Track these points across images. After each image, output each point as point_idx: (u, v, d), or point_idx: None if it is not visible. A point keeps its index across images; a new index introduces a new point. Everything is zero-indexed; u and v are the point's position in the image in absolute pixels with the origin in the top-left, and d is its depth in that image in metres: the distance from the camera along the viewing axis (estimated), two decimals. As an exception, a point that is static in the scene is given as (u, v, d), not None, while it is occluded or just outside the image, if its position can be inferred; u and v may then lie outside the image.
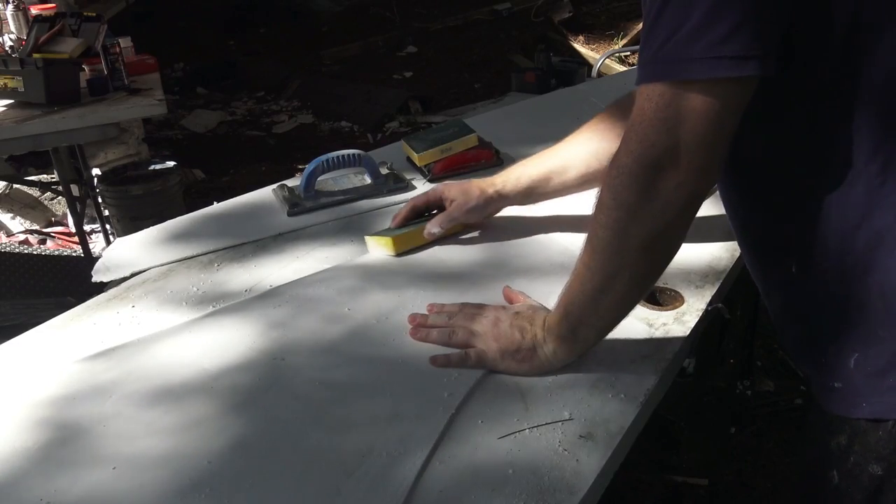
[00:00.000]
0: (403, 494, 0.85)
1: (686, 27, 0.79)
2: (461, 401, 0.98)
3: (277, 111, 5.66)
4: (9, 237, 3.81)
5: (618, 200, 0.89)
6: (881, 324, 0.87)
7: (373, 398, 1.00)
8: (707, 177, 0.86)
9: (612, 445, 0.91)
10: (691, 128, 0.82)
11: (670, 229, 0.90)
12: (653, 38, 0.82)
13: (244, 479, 0.89)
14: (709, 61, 0.79)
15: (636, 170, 0.86)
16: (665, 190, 0.85)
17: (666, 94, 0.82)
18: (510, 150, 1.70)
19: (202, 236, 1.47)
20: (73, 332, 1.20)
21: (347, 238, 1.42)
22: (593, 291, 0.96)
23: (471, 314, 1.09)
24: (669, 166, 0.84)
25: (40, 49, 2.83)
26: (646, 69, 0.84)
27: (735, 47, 0.78)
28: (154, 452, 0.93)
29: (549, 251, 1.31)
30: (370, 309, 1.18)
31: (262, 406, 1.00)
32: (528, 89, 4.98)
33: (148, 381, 1.06)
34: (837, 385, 0.92)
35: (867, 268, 0.86)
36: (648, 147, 0.85)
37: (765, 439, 2.22)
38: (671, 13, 0.80)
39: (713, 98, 0.81)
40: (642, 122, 0.85)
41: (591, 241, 0.94)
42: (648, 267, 0.94)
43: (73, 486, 0.89)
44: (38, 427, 0.99)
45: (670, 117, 0.82)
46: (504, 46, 6.33)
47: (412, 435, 0.93)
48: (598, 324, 0.99)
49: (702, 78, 0.80)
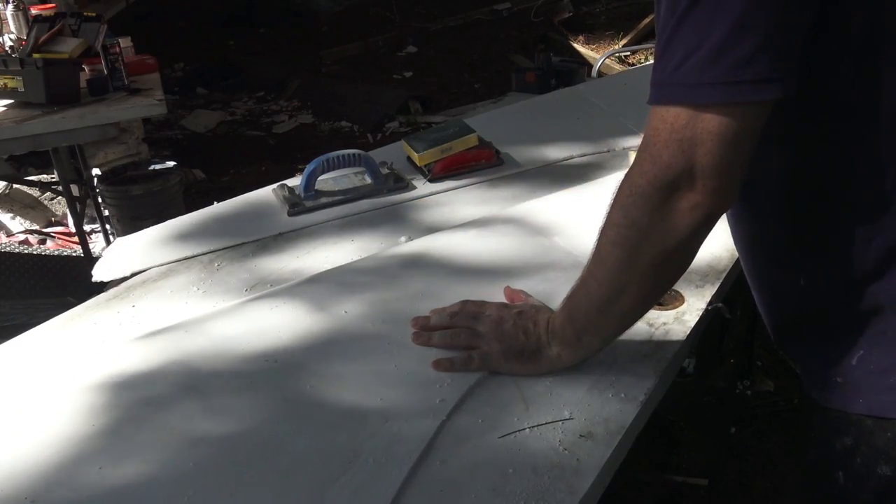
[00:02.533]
0: (387, 502, 0.84)
1: (705, 47, 0.76)
2: (453, 407, 0.97)
3: (277, 111, 5.66)
4: (9, 237, 3.81)
5: (629, 219, 0.87)
6: (891, 325, 0.87)
7: (364, 403, 0.99)
8: (724, 199, 0.84)
9: (612, 445, 0.91)
10: (707, 150, 0.80)
11: (681, 249, 0.89)
12: (668, 56, 0.79)
13: (227, 482, 0.88)
14: (729, 86, 0.76)
15: (649, 191, 0.84)
16: (679, 212, 0.84)
17: (682, 116, 0.79)
18: (510, 150, 1.70)
19: (202, 236, 1.47)
20: (73, 332, 1.20)
21: (347, 238, 1.42)
22: (599, 302, 0.95)
23: (472, 314, 1.08)
24: (685, 188, 0.82)
25: (40, 49, 2.83)
26: (662, 90, 0.81)
27: (757, 70, 0.75)
28: (137, 455, 0.93)
29: (550, 251, 1.31)
30: (367, 311, 1.18)
31: (250, 408, 1.00)
32: (528, 89, 4.97)
33: (134, 381, 1.06)
34: (839, 380, 0.91)
35: (879, 278, 0.85)
36: (663, 169, 0.82)
37: (765, 439, 2.22)
38: (689, 30, 0.77)
39: (731, 120, 0.78)
40: (657, 143, 0.82)
41: (599, 254, 0.93)
42: (657, 284, 0.94)
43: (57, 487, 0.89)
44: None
45: (686, 139, 0.80)
46: (504, 46, 6.32)
47: (400, 441, 0.92)
48: (603, 333, 0.99)
49: (721, 102, 0.77)
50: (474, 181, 1.61)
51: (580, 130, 1.78)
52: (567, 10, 6.64)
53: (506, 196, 1.53)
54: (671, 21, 0.78)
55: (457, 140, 1.65)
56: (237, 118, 5.61)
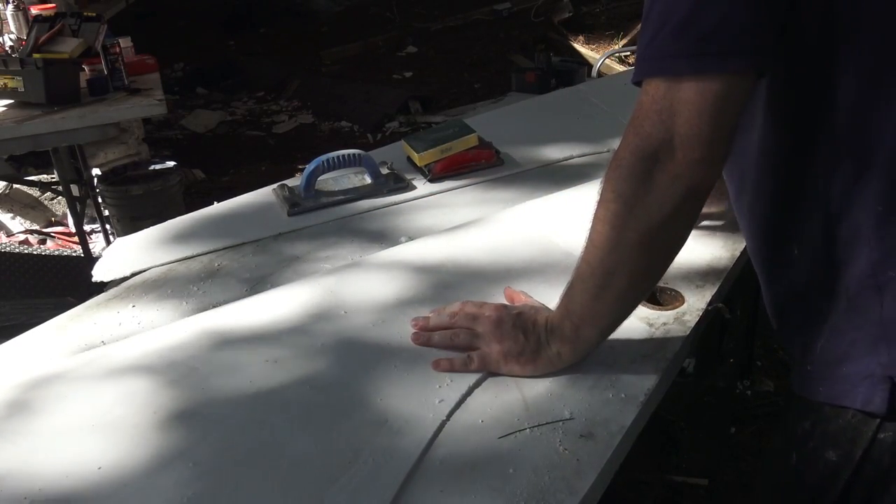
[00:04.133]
0: (387, 502, 0.84)
1: (672, 21, 0.79)
2: (452, 408, 0.97)
3: (277, 111, 5.66)
4: (9, 237, 3.81)
5: (615, 192, 0.89)
6: (842, 315, 0.89)
7: (363, 404, 0.99)
8: (705, 170, 0.86)
9: (613, 445, 0.91)
10: (685, 120, 0.82)
11: (668, 225, 0.89)
12: (645, 32, 0.83)
13: (227, 484, 0.88)
14: (695, 57, 0.79)
15: (632, 161, 0.86)
16: (662, 182, 0.86)
17: (661, 88, 0.83)
18: (510, 150, 1.70)
19: (202, 236, 1.47)
20: (73, 332, 1.20)
21: (347, 238, 1.42)
22: (594, 288, 0.96)
23: (472, 314, 1.08)
24: (666, 158, 0.84)
25: (40, 49, 2.83)
26: (639, 65, 0.85)
27: (721, 43, 0.78)
28: (137, 455, 0.93)
29: (550, 251, 1.31)
30: (366, 311, 1.18)
31: (249, 409, 1.00)
32: (528, 89, 4.98)
33: (133, 380, 1.06)
34: (809, 368, 0.94)
35: (846, 260, 0.87)
36: (644, 139, 0.85)
37: (765, 439, 2.22)
38: (661, 6, 0.81)
39: (707, 91, 0.80)
40: (639, 115, 0.85)
41: (591, 236, 0.95)
42: (647, 264, 0.94)
43: (54, 487, 0.89)
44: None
45: (664, 109, 0.83)
46: (504, 46, 6.33)
47: (400, 443, 0.92)
48: (599, 323, 0.99)
49: (690, 73, 0.80)
50: (474, 181, 1.61)
51: (580, 130, 1.78)
52: (567, 10, 6.64)
53: (506, 196, 1.52)
54: (647, 2, 0.82)
55: (457, 140, 1.65)
56: (237, 118, 5.62)
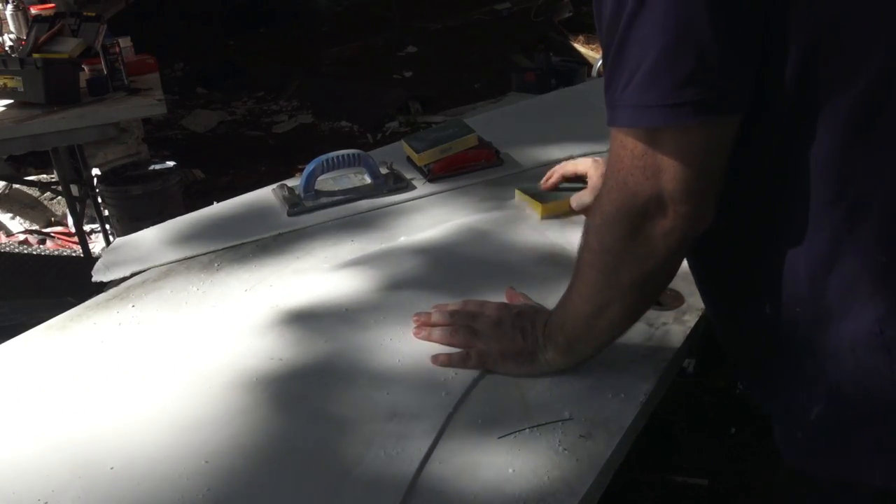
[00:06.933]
0: (401, 494, 0.85)
1: (643, 68, 0.73)
2: (458, 400, 0.98)
3: (277, 111, 5.66)
4: (9, 237, 3.81)
5: (603, 245, 0.86)
6: (849, 378, 0.80)
7: (371, 397, 1.00)
8: (699, 220, 0.81)
9: (612, 445, 0.91)
10: (672, 177, 0.77)
11: (662, 269, 0.87)
12: (616, 77, 0.76)
13: (241, 479, 0.89)
14: (671, 109, 0.73)
15: (619, 219, 0.82)
16: (654, 237, 0.82)
17: (640, 140, 0.77)
18: (510, 150, 1.70)
19: (202, 236, 1.47)
20: (73, 332, 1.20)
21: (347, 238, 1.42)
22: (586, 317, 0.95)
23: (473, 313, 1.09)
24: (657, 215, 0.80)
25: (40, 49, 2.83)
26: (612, 112, 0.79)
27: (697, 90, 0.72)
28: (151, 452, 0.93)
29: (550, 252, 1.31)
30: (369, 308, 1.18)
31: (259, 406, 1.00)
32: (528, 89, 4.97)
33: (145, 380, 1.06)
34: (799, 435, 0.88)
35: (841, 315, 0.79)
36: (630, 196, 0.80)
37: (765, 439, 2.22)
38: (630, 50, 0.74)
39: (690, 144, 0.75)
40: (621, 169, 0.80)
41: (580, 275, 0.92)
42: (642, 298, 0.92)
43: (68, 488, 0.89)
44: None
45: (648, 166, 0.77)
46: (504, 46, 6.32)
47: (410, 434, 0.93)
48: (593, 343, 0.98)
49: (671, 123, 0.74)
50: (474, 181, 1.61)
51: (580, 130, 1.78)
52: (567, 10, 6.64)
53: (506, 196, 1.52)
54: (615, 40, 0.75)
55: (457, 140, 1.65)
56: (237, 118, 5.62)
